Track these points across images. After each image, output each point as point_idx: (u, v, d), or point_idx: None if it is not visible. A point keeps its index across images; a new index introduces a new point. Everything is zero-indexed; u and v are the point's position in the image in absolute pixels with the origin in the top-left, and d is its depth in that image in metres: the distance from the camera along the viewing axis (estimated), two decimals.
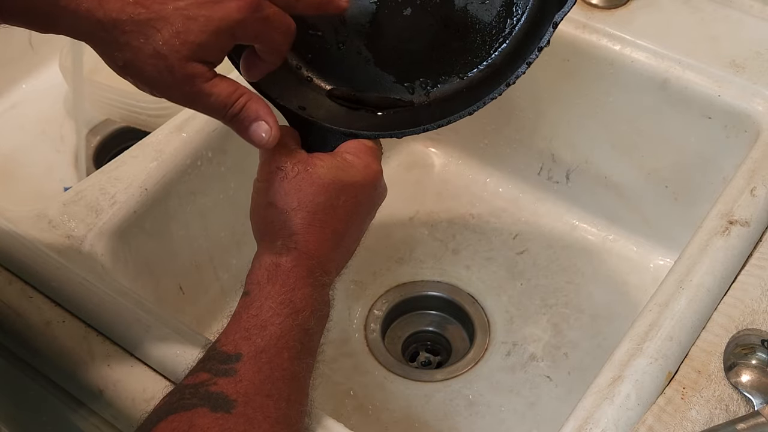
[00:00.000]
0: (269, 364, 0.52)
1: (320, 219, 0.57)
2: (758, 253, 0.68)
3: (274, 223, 0.56)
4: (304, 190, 0.56)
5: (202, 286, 0.84)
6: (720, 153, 0.83)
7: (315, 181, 0.57)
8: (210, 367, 0.52)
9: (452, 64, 0.63)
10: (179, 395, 0.50)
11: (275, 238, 0.56)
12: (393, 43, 0.64)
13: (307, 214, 0.56)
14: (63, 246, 0.69)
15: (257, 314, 0.53)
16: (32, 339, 0.66)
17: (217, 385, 0.50)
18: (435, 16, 0.64)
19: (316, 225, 0.56)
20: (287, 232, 0.56)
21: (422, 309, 0.91)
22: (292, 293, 0.54)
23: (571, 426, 0.57)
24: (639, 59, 0.84)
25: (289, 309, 0.54)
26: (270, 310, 0.53)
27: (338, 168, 0.58)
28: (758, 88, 0.79)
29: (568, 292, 0.90)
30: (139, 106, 0.98)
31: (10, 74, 1.08)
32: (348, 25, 0.64)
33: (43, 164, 1.02)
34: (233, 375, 0.51)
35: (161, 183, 0.76)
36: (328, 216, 0.57)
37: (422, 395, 0.82)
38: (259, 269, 0.55)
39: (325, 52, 0.65)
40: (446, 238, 0.95)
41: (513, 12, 0.62)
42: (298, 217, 0.56)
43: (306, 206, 0.56)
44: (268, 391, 0.51)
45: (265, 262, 0.55)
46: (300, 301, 0.54)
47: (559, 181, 0.96)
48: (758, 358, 0.60)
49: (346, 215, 0.58)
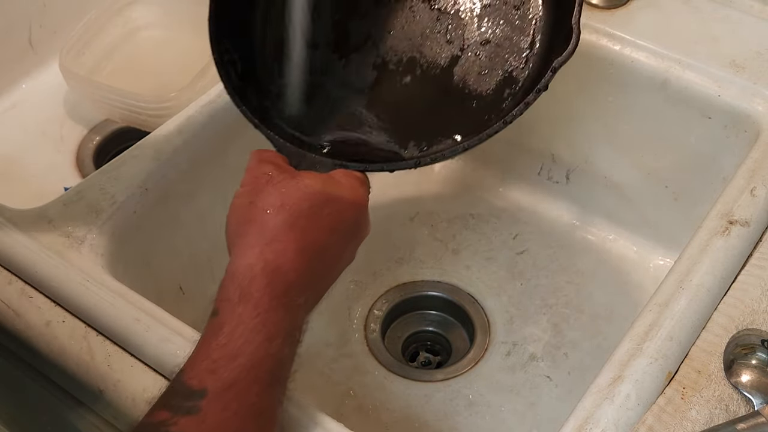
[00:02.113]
0: (237, 401, 0.48)
1: (302, 225, 0.53)
2: (758, 253, 0.68)
3: (254, 223, 0.53)
4: (289, 194, 0.54)
5: (202, 286, 0.84)
6: (720, 153, 0.83)
7: (301, 187, 0.55)
8: (172, 404, 0.48)
9: (449, 127, 0.64)
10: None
11: (252, 244, 0.52)
12: (390, 108, 0.65)
13: (290, 216, 0.53)
14: (63, 246, 0.69)
15: (226, 343, 0.49)
16: (32, 339, 0.66)
17: (177, 425, 0.46)
18: (434, 85, 0.64)
19: (297, 230, 0.53)
20: (267, 237, 0.52)
21: (422, 309, 0.91)
22: (266, 316, 0.50)
23: (571, 426, 0.57)
24: (639, 59, 0.84)
25: (261, 336, 0.49)
26: (241, 337, 0.49)
27: (325, 182, 0.56)
28: (758, 88, 0.79)
29: (568, 292, 0.90)
30: (139, 106, 0.98)
31: (10, 74, 1.08)
32: (348, 88, 0.65)
33: (43, 164, 1.02)
34: (196, 413, 0.47)
35: (161, 183, 0.76)
36: (311, 223, 0.54)
37: (422, 395, 0.82)
38: (231, 283, 0.51)
39: (322, 110, 0.65)
40: (446, 238, 0.95)
41: (513, 81, 0.63)
42: (280, 218, 0.53)
43: (289, 208, 0.53)
44: (234, 429, 0.48)
45: (239, 274, 0.51)
46: (273, 327, 0.50)
47: (559, 181, 0.96)
48: (758, 358, 0.60)
49: (328, 228, 0.55)
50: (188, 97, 0.94)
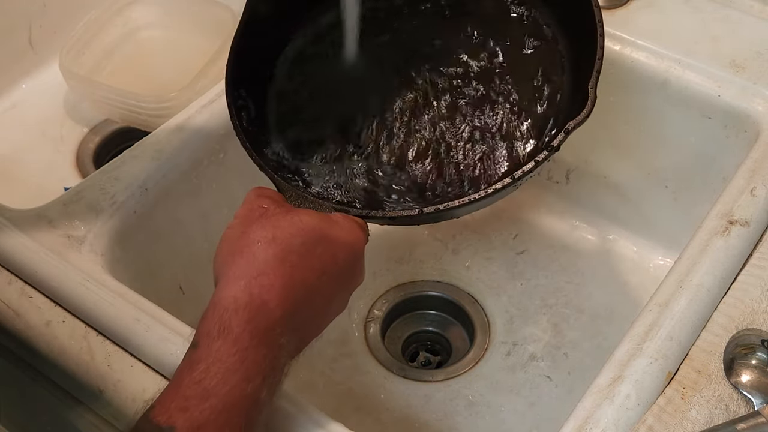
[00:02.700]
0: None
1: (292, 261, 0.51)
2: (758, 253, 0.68)
3: (243, 254, 0.50)
4: (281, 227, 0.52)
5: (202, 286, 0.84)
6: (720, 153, 0.83)
7: (295, 222, 0.52)
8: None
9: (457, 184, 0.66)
10: None
11: (239, 276, 0.49)
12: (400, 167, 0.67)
13: (281, 251, 0.50)
14: (63, 246, 0.69)
15: (201, 380, 0.46)
16: (32, 339, 0.66)
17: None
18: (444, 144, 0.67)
19: (286, 266, 0.50)
20: (254, 270, 0.49)
21: (422, 309, 0.91)
22: (245, 354, 0.47)
23: (571, 426, 0.57)
24: (639, 59, 0.84)
25: (238, 376, 0.46)
26: (216, 376, 0.46)
27: (323, 220, 0.54)
28: (758, 88, 0.79)
29: (568, 292, 0.90)
30: (139, 106, 0.98)
31: (10, 74, 1.08)
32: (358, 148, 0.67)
33: (43, 164, 1.02)
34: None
35: (161, 183, 0.76)
36: (302, 261, 0.51)
37: (422, 395, 0.82)
38: (213, 316, 0.48)
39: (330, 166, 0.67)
40: (446, 238, 0.95)
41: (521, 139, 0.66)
42: (270, 252, 0.50)
43: (281, 242, 0.51)
44: None
45: (220, 306, 0.48)
46: (252, 366, 0.47)
47: (559, 181, 0.96)
48: (758, 358, 0.60)
49: (320, 268, 0.52)
50: (188, 97, 0.94)
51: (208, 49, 1.00)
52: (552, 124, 0.65)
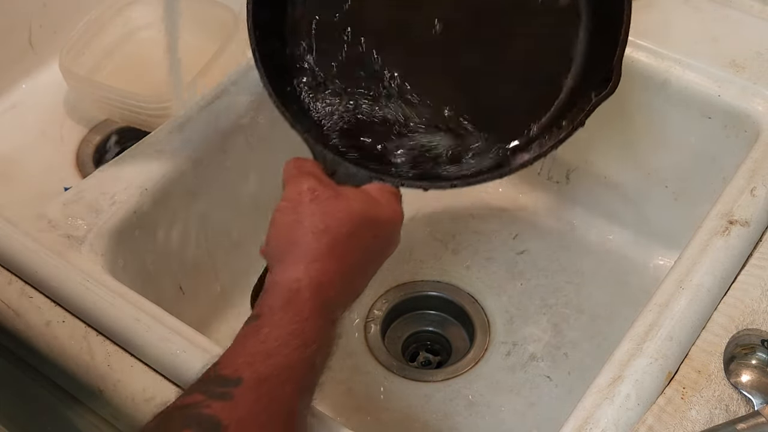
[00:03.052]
0: (269, 395, 0.49)
1: (342, 249, 0.56)
2: (758, 253, 0.68)
3: (299, 243, 0.55)
4: (332, 215, 0.56)
5: (202, 286, 0.84)
6: (720, 153, 0.83)
7: (344, 208, 0.57)
8: (206, 389, 0.49)
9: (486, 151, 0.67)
10: (169, 416, 0.48)
11: (297, 261, 0.54)
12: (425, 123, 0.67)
13: (332, 240, 0.55)
14: (63, 246, 0.69)
15: (265, 341, 0.51)
16: (32, 339, 0.66)
17: (210, 408, 0.47)
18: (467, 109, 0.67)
19: (336, 253, 0.56)
20: (310, 257, 0.55)
21: (422, 309, 0.91)
22: (304, 324, 0.52)
23: (571, 426, 0.57)
24: (639, 59, 0.84)
25: (298, 341, 0.52)
26: (279, 338, 0.51)
27: (367, 202, 0.58)
28: (758, 88, 0.79)
29: (568, 292, 0.90)
30: (139, 106, 0.98)
31: (10, 74, 1.08)
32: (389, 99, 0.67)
33: (43, 164, 1.02)
34: (229, 400, 0.48)
35: (161, 183, 0.76)
36: (350, 247, 0.56)
37: (422, 395, 0.82)
38: (275, 293, 0.54)
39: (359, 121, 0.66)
40: (446, 238, 0.95)
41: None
42: (323, 241, 0.55)
43: (332, 232, 0.55)
44: (262, 423, 0.49)
45: (283, 286, 0.54)
46: (310, 334, 0.52)
47: (559, 181, 0.96)
48: (758, 358, 0.60)
49: (365, 251, 0.58)
50: (188, 97, 0.94)
51: (208, 49, 1.00)
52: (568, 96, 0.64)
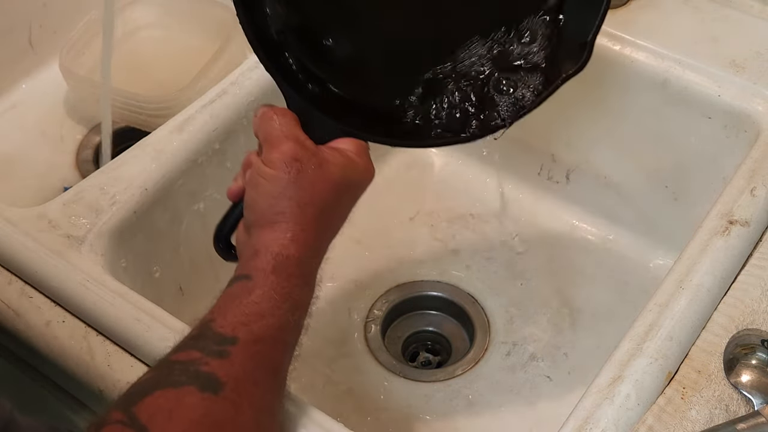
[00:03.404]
0: (262, 354, 0.52)
1: (326, 216, 0.58)
2: (758, 253, 0.68)
3: (286, 214, 0.57)
4: (317, 187, 0.58)
5: (202, 286, 0.84)
6: (720, 153, 0.83)
7: (328, 178, 0.58)
8: (203, 346, 0.52)
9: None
10: (168, 370, 0.50)
11: (286, 229, 0.57)
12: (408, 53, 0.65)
13: (317, 210, 0.58)
14: (63, 246, 0.69)
15: (258, 302, 0.54)
16: (32, 339, 0.66)
17: (209, 365, 0.50)
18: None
19: (321, 221, 0.58)
20: (299, 227, 0.57)
21: (422, 309, 0.91)
22: (293, 289, 0.55)
23: (571, 426, 0.57)
24: (639, 59, 0.84)
25: (289, 304, 0.54)
26: (271, 300, 0.54)
27: (346, 167, 0.60)
28: (758, 88, 0.79)
29: (568, 292, 0.90)
30: (139, 106, 0.98)
31: (10, 74, 1.08)
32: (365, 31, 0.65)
33: (43, 164, 1.02)
34: (226, 357, 0.51)
35: (161, 183, 0.76)
36: (332, 215, 0.59)
37: (422, 395, 0.82)
38: (265, 256, 0.56)
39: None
40: (446, 238, 0.95)
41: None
42: (309, 213, 0.57)
43: (317, 203, 0.58)
44: (256, 380, 0.51)
45: (273, 251, 0.56)
46: (298, 299, 0.55)
47: (559, 181, 0.96)
48: (758, 358, 0.60)
49: (343, 214, 0.61)
50: (188, 97, 0.94)
51: (208, 49, 1.00)
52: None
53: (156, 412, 0.47)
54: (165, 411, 0.47)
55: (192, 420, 0.47)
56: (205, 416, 0.48)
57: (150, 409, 0.47)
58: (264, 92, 0.82)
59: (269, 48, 0.62)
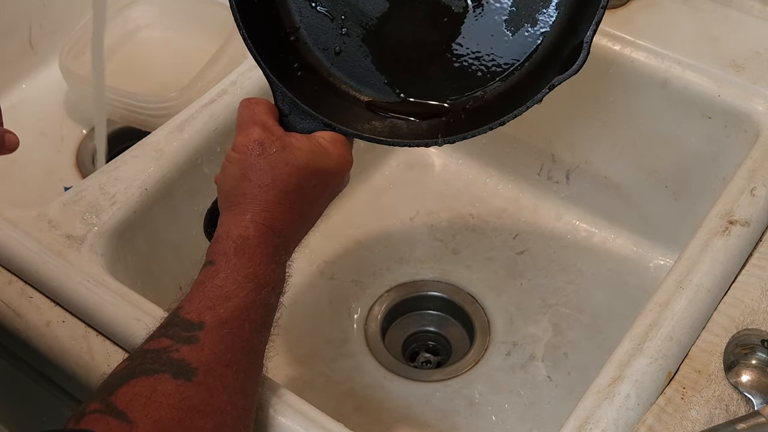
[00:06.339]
0: (230, 336, 0.53)
1: (290, 199, 0.59)
2: (758, 253, 0.68)
3: (246, 195, 0.58)
4: (279, 169, 0.58)
5: None
6: (720, 153, 0.83)
7: (291, 161, 0.59)
8: (172, 333, 0.52)
9: (443, 86, 0.64)
10: (141, 359, 0.51)
11: (245, 210, 0.57)
12: (394, 48, 0.65)
13: (279, 192, 0.58)
14: (63, 246, 0.69)
15: (222, 285, 0.54)
16: (32, 339, 0.66)
17: (179, 352, 0.51)
18: (441, 34, 0.64)
19: (285, 204, 0.58)
20: (258, 208, 0.57)
21: (422, 309, 0.91)
22: (258, 268, 0.56)
23: (571, 426, 0.57)
24: (639, 59, 0.84)
25: (253, 284, 0.55)
26: (235, 282, 0.55)
27: (314, 153, 0.60)
28: (758, 88, 0.79)
29: (568, 292, 0.90)
30: (139, 106, 0.98)
31: (10, 74, 1.08)
32: (354, 17, 0.65)
33: (43, 164, 1.02)
34: (195, 343, 0.52)
35: (161, 183, 0.76)
36: (298, 197, 0.59)
37: (422, 395, 0.82)
38: (226, 240, 0.57)
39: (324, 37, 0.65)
40: (446, 238, 0.95)
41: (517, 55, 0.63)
42: (271, 194, 0.58)
43: (279, 185, 0.58)
44: (227, 362, 0.52)
45: (233, 234, 0.57)
46: (264, 277, 0.56)
47: (559, 181, 0.96)
48: (758, 358, 0.60)
49: (313, 198, 0.61)
50: (188, 97, 0.94)
51: (208, 49, 1.00)
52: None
53: (133, 399, 0.48)
54: (142, 397, 0.48)
55: (169, 405, 0.48)
56: (181, 401, 0.49)
57: (126, 397, 0.48)
58: (264, 92, 0.81)
59: (260, 37, 0.63)
